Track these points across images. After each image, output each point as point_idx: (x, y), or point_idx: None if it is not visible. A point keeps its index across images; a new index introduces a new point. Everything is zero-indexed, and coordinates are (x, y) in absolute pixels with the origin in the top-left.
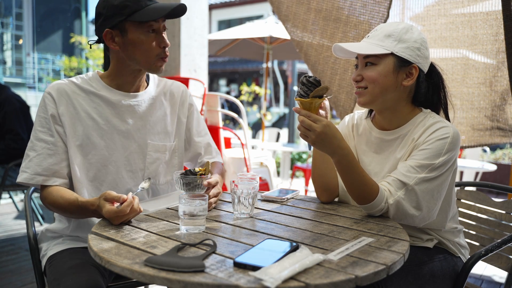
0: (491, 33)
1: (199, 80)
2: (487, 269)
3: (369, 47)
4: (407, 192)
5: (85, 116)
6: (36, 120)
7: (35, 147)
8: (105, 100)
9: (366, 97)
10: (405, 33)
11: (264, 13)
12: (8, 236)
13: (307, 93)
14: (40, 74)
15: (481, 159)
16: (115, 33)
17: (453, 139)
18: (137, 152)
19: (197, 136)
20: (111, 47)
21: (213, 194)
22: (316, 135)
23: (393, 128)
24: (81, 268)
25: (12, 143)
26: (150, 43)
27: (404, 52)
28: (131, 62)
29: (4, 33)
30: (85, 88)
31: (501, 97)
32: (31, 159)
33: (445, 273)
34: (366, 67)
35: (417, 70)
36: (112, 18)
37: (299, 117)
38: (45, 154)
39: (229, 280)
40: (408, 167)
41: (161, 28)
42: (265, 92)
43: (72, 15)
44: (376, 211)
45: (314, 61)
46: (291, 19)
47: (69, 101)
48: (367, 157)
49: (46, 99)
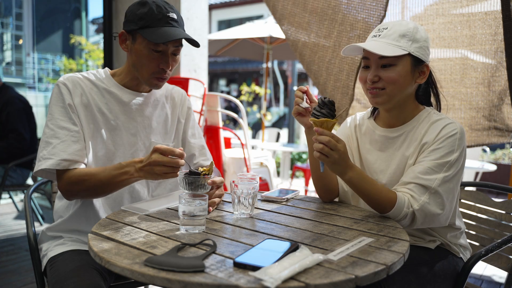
0: (490, 33)
1: (199, 80)
2: (487, 269)
3: (388, 48)
4: (431, 195)
5: (97, 110)
6: (54, 109)
7: (57, 135)
8: (115, 97)
9: (384, 98)
10: (416, 32)
11: (264, 13)
12: (8, 236)
13: (330, 113)
14: (40, 74)
15: (481, 159)
16: (128, 36)
17: (461, 135)
18: (141, 150)
19: (192, 138)
20: (122, 47)
21: (216, 195)
22: (339, 154)
23: (398, 125)
24: (83, 271)
25: (14, 142)
26: (150, 60)
27: (419, 52)
28: (132, 69)
29: (4, 33)
30: (97, 83)
31: (499, 97)
32: (54, 146)
33: (446, 273)
34: (383, 68)
35: (428, 69)
36: (130, 24)
37: (321, 137)
38: (69, 141)
39: (229, 280)
40: (426, 169)
41: (170, 50)
42: (265, 92)
43: (72, 15)
44: (401, 217)
45: (308, 61)
46: (286, 19)
47: (83, 93)
48: (372, 155)
49: (62, 89)
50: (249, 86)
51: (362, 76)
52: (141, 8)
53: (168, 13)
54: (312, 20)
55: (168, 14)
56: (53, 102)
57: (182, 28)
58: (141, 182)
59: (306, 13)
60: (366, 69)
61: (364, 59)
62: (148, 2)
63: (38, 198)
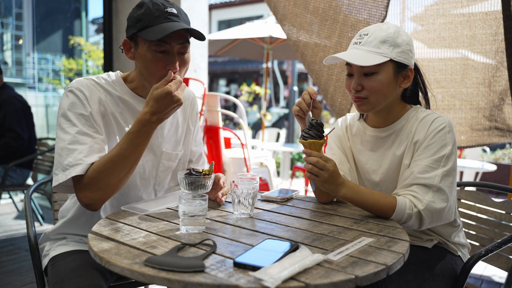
0: (490, 33)
1: (199, 80)
2: (487, 269)
3: (368, 56)
4: (434, 193)
5: (112, 119)
6: (72, 116)
7: (81, 141)
8: (129, 106)
9: (368, 106)
10: (397, 36)
11: (264, 13)
12: (8, 236)
13: (318, 135)
14: (40, 75)
15: (481, 159)
16: (131, 44)
17: (450, 127)
18: (152, 160)
19: (194, 146)
20: (128, 57)
21: (224, 192)
22: (329, 174)
23: (387, 125)
24: (84, 271)
25: (11, 141)
26: (155, 63)
27: (401, 57)
28: (140, 76)
29: (4, 33)
30: (110, 91)
31: (499, 97)
32: (80, 151)
33: (444, 271)
34: (366, 76)
35: (412, 72)
36: (130, 29)
37: (310, 158)
38: (94, 147)
39: (229, 280)
40: (424, 168)
41: (175, 49)
42: (265, 92)
43: (72, 16)
44: (405, 220)
45: (310, 61)
46: (288, 19)
47: (100, 101)
48: (364, 156)
49: (81, 96)
50: (249, 86)
51: (346, 84)
52: (138, 10)
53: (166, 8)
54: (313, 20)
55: (166, 10)
56: (71, 109)
57: (186, 23)
58: (145, 187)
59: (307, 14)
60: (350, 77)
61: (347, 66)
62: (145, 2)
63: (38, 198)
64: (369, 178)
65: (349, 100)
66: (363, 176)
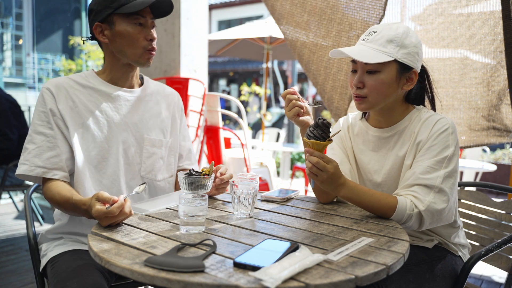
0: (489, 33)
1: (199, 80)
2: (487, 269)
3: (373, 53)
4: (436, 194)
5: (84, 110)
6: (35, 115)
7: (34, 140)
8: (102, 94)
9: (367, 105)
10: (406, 37)
11: (264, 13)
12: (8, 236)
13: (322, 135)
14: (40, 75)
15: (481, 159)
16: (104, 26)
17: (453, 128)
18: (134, 146)
19: (183, 141)
20: (100, 40)
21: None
22: (329, 175)
23: (390, 125)
24: (85, 271)
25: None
26: (137, 35)
27: (406, 58)
28: (120, 56)
29: (4, 33)
30: (82, 83)
31: (498, 97)
32: (30, 152)
33: (445, 272)
34: (368, 74)
35: (416, 75)
36: (102, 12)
37: (311, 157)
38: (44, 146)
39: (229, 280)
40: (426, 168)
41: (149, 23)
42: (265, 92)
43: (72, 16)
44: (405, 220)
45: (307, 60)
46: (285, 18)
47: (68, 95)
48: (366, 156)
49: (45, 94)
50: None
51: (350, 80)
52: None
53: None
54: (310, 19)
55: None
56: (36, 107)
57: None
58: (131, 173)
59: (304, 13)
60: (354, 73)
61: (352, 62)
62: None
63: (38, 198)
64: (371, 179)
65: (346, 100)
66: (365, 177)
